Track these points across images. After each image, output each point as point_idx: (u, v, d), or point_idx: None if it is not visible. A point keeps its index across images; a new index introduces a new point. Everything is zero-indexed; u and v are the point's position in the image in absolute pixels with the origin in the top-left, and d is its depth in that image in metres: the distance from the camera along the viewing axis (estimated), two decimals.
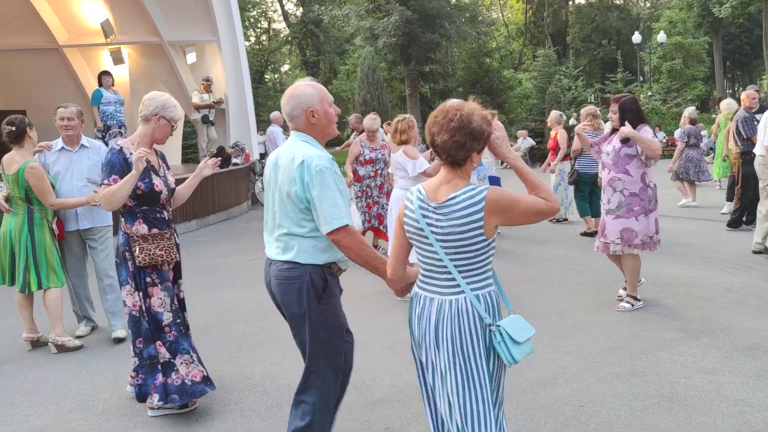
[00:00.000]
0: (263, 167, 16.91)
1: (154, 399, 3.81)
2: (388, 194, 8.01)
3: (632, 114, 5.53)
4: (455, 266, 2.40)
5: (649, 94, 31.76)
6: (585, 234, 9.49)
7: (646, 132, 5.50)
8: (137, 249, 3.79)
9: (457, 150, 2.35)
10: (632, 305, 5.72)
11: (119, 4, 13.71)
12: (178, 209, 4.76)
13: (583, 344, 4.88)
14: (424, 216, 2.43)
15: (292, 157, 2.87)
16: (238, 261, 8.63)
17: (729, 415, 3.64)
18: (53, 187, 5.19)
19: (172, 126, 4.00)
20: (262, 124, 22.93)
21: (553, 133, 10.69)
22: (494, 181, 9.53)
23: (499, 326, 2.38)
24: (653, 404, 3.82)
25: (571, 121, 23.95)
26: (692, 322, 5.31)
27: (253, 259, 8.35)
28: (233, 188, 13.35)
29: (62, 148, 5.37)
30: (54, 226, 5.24)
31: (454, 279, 2.42)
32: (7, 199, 5.22)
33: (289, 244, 2.92)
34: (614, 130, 5.70)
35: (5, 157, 5.20)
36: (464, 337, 2.39)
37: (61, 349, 5.22)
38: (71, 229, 5.43)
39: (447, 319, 2.41)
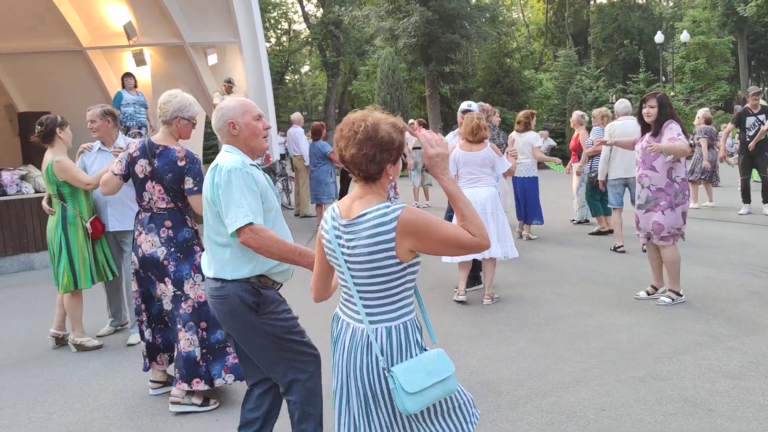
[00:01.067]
0: (284, 168, 16.94)
1: (229, 378, 4.00)
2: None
3: (669, 108, 5.71)
4: (359, 293, 2.18)
5: (672, 94, 31.41)
6: (597, 233, 9.49)
7: (671, 131, 5.57)
8: None
9: (368, 164, 2.13)
10: (673, 300, 5.79)
11: (142, 7, 13.83)
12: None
13: (606, 347, 4.83)
14: (336, 236, 2.22)
15: (214, 164, 2.89)
16: None
17: (754, 420, 3.58)
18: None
19: (193, 123, 4.08)
20: (283, 125, 23.01)
21: (575, 134, 10.62)
22: (533, 182, 9.43)
23: (392, 373, 2.10)
24: (677, 409, 3.77)
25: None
26: (717, 325, 5.23)
27: None
28: None
29: (99, 149, 5.43)
30: (88, 226, 5.22)
31: (356, 306, 2.21)
32: (50, 202, 5.31)
33: (213, 256, 2.90)
34: (646, 126, 5.79)
35: (44, 158, 5.28)
36: (370, 373, 2.17)
37: (80, 348, 5.30)
38: (109, 230, 5.42)
39: (357, 348, 2.19)
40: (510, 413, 3.81)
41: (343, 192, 9.13)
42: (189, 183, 3.89)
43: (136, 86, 11.31)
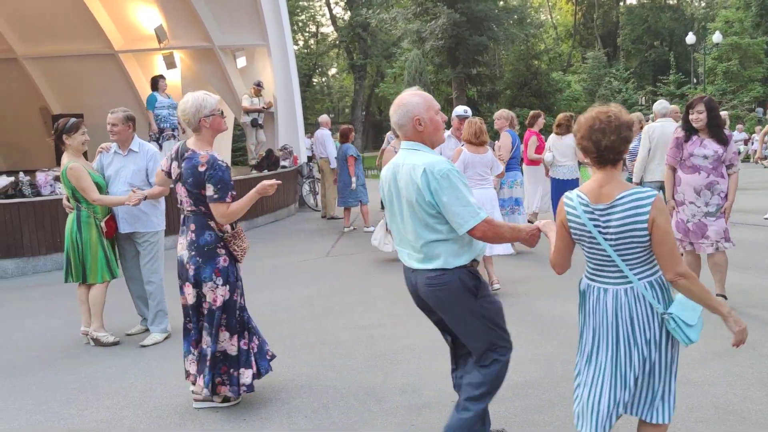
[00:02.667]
0: (311, 170, 16.98)
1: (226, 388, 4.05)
2: None
3: (718, 112, 5.69)
4: (623, 260, 2.62)
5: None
6: None
7: (733, 140, 5.75)
8: (235, 246, 4.05)
9: (625, 145, 2.59)
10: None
11: (172, 10, 14.02)
12: None
13: None
14: (591, 219, 2.62)
15: (412, 166, 2.97)
16: (285, 262, 8.73)
17: None
18: (101, 188, 5.36)
19: (217, 114, 4.06)
20: (310, 128, 23.15)
21: None
22: (574, 184, 9.35)
23: (671, 314, 2.58)
24: (708, 416, 3.71)
25: None
26: (749, 331, 5.13)
27: (304, 260, 8.43)
28: (281, 191, 13.50)
29: (115, 151, 5.53)
30: (102, 224, 5.37)
31: (622, 271, 2.63)
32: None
33: (432, 252, 3.01)
34: (691, 130, 5.72)
35: (61, 160, 5.48)
36: (640, 323, 2.62)
37: (97, 342, 5.44)
38: (120, 232, 5.55)
39: (625, 306, 2.63)
40: (537, 417, 3.78)
41: None
42: (210, 190, 3.88)
43: (166, 89, 11.48)
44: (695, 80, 34.84)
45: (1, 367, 5.05)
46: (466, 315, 3.04)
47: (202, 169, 3.88)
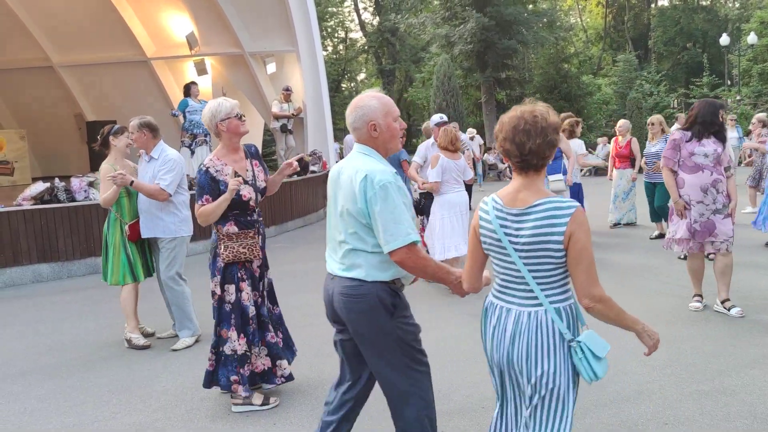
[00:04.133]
0: None
1: (240, 390, 4.11)
2: None
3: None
4: (534, 278, 2.35)
5: (738, 98, 30.38)
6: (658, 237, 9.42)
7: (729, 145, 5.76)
8: (222, 246, 4.08)
9: (550, 150, 2.35)
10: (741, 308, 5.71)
11: (203, 17, 14.21)
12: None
13: (669, 358, 4.69)
14: (502, 225, 2.38)
15: (355, 170, 2.78)
16: (315, 266, 8.75)
17: None
18: (132, 193, 5.52)
19: (233, 117, 4.15)
20: (339, 133, 23.24)
21: (624, 142, 10.50)
22: (576, 187, 9.37)
23: (579, 342, 2.32)
24: (745, 425, 3.63)
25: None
26: None
27: None
28: (310, 195, 13.57)
29: (143, 157, 5.66)
30: (126, 228, 5.49)
31: (532, 291, 2.36)
32: None
33: (354, 261, 2.82)
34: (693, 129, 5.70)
35: None
36: (541, 352, 2.34)
37: (129, 344, 5.56)
38: (141, 236, 5.63)
39: (524, 333, 2.36)
40: None
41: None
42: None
43: (199, 94, 11.65)
44: (729, 82, 34.21)
45: (40, 369, 5.15)
46: (377, 333, 2.80)
47: (196, 176, 4.16)
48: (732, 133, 14.57)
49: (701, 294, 5.98)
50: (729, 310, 5.68)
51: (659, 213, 9.29)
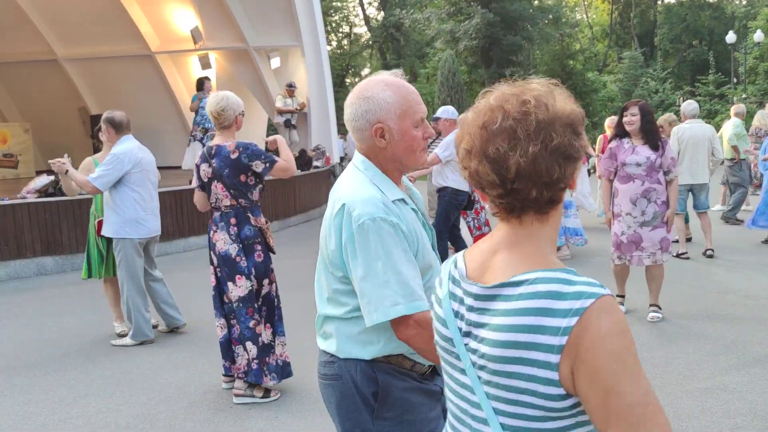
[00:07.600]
0: (343, 170, 17.30)
1: (268, 378, 4.15)
2: None
3: (652, 117, 5.49)
4: (504, 428, 1.22)
5: (744, 96, 30.28)
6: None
7: (671, 150, 5.50)
8: (272, 239, 4.27)
9: (558, 170, 1.21)
10: (661, 315, 5.60)
11: (208, 12, 14.21)
12: None
13: (671, 356, 4.70)
14: (455, 311, 1.31)
15: (336, 197, 1.89)
16: (316, 262, 8.76)
17: None
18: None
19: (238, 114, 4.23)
20: (343, 129, 23.23)
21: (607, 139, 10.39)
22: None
23: None
24: (746, 423, 3.63)
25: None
26: None
27: None
28: (313, 190, 13.59)
29: None
30: (96, 222, 5.58)
31: None
32: None
33: (326, 326, 1.99)
34: (622, 135, 5.54)
35: None
36: None
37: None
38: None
39: None
40: None
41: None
42: (259, 166, 4.08)
43: (211, 89, 11.70)
44: (735, 80, 34.09)
45: (44, 361, 5.18)
46: None
47: (234, 156, 4.04)
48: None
49: (624, 295, 5.89)
50: (648, 314, 5.62)
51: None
